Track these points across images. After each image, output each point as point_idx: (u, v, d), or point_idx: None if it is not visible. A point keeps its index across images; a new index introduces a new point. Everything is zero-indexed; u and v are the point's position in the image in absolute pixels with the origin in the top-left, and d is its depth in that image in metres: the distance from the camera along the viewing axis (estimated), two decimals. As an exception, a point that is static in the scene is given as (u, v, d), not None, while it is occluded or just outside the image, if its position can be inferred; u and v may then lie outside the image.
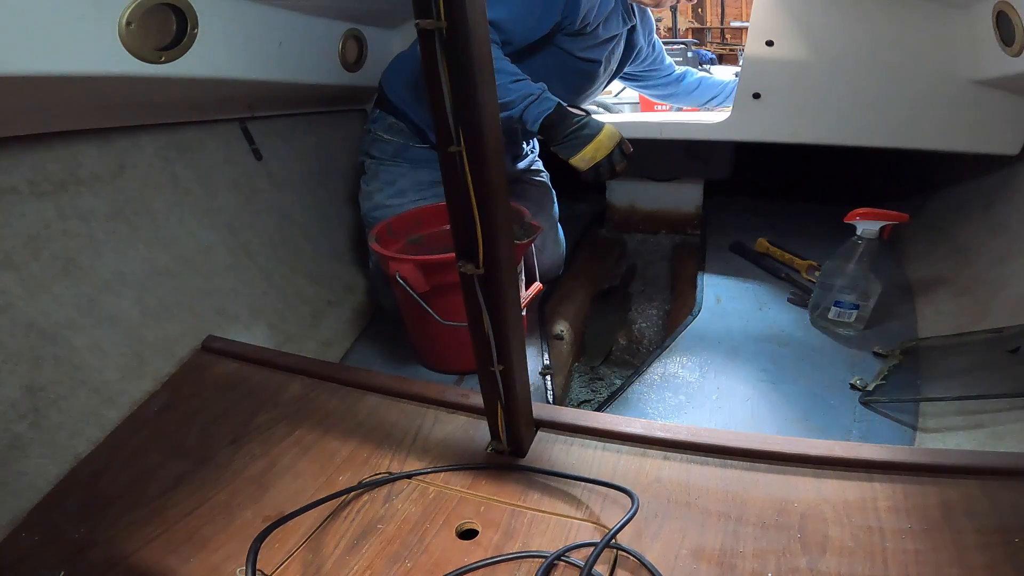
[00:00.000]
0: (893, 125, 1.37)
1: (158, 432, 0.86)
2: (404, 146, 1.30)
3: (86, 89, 0.88)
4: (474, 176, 0.54)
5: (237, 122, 1.29)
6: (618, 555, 0.60)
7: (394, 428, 0.82)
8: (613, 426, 0.77)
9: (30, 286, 0.86)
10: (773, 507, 0.65)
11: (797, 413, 1.04)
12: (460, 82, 0.50)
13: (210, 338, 1.04)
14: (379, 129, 1.31)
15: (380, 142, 1.32)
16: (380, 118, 1.31)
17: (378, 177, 1.33)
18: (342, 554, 0.63)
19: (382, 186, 1.32)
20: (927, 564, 0.57)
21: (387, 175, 1.32)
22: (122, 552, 0.66)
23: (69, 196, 0.94)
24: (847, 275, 1.22)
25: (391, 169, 1.32)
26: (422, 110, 1.26)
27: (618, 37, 1.31)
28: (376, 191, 1.33)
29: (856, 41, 1.31)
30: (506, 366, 0.66)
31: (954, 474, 0.66)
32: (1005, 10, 1.07)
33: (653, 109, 2.04)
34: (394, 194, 1.31)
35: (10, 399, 0.79)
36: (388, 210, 1.30)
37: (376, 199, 1.32)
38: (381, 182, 1.32)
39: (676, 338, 1.28)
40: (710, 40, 7.69)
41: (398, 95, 1.28)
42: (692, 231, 1.97)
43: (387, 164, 1.32)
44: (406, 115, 1.28)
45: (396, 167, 1.32)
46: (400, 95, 1.28)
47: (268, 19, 1.15)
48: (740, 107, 1.44)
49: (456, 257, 0.60)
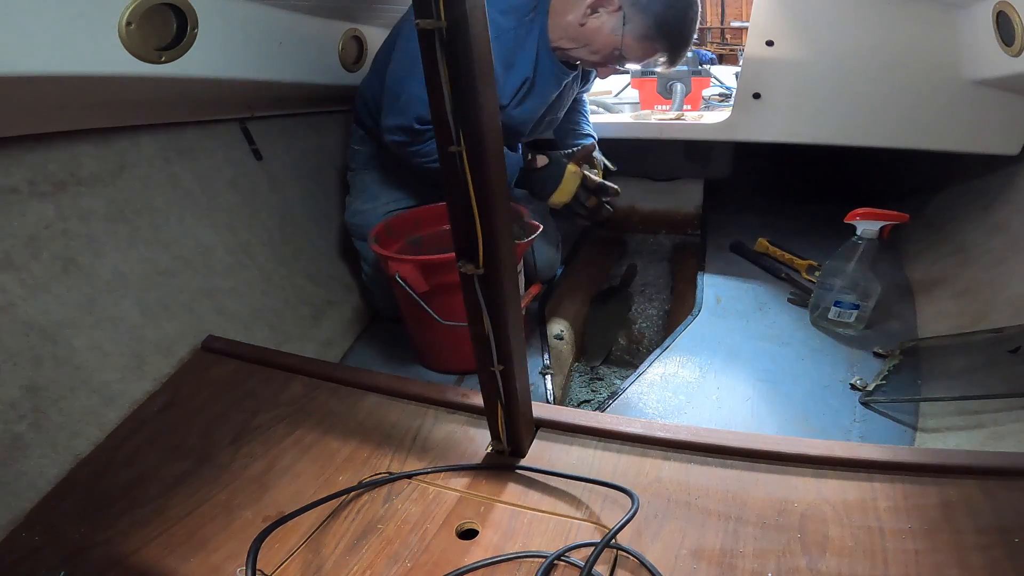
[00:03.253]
0: (893, 125, 1.37)
1: (158, 432, 0.86)
2: (372, 154, 1.35)
3: (86, 89, 0.88)
4: (474, 176, 0.54)
5: (237, 122, 1.29)
6: (618, 555, 0.60)
7: (394, 428, 0.82)
8: (613, 426, 0.77)
9: (30, 286, 0.86)
10: (773, 507, 0.65)
11: (797, 413, 1.04)
12: (460, 82, 0.50)
13: (210, 338, 1.04)
14: (354, 142, 1.37)
15: (354, 153, 1.38)
16: (354, 131, 1.37)
17: (355, 185, 1.38)
18: (342, 554, 0.63)
19: (358, 193, 1.37)
20: (927, 564, 0.57)
21: (361, 183, 1.37)
22: (122, 552, 0.66)
23: (69, 196, 0.94)
24: (847, 275, 1.21)
25: (364, 176, 1.37)
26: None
27: (551, 97, 1.28)
28: (353, 199, 1.38)
29: (856, 41, 1.31)
30: (506, 366, 0.66)
31: (954, 474, 0.66)
32: (1005, 10, 1.07)
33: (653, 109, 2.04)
34: (367, 199, 1.36)
35: (10, 399, 0.79)
36: (363, 215, 1.34)
37: (353, 207, 1.37)
38: (357, 190, 1.37)
39: (676, 338, 1.28)
40: (710, 40, 7.68)
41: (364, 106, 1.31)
42: (692, 231, 1.97)
43: (360, 173, 1.37)
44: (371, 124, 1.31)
45: (368, 174, 1.37)
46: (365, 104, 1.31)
47: (268, 19, 1.15)
48: (740, 107, 1.44)
49: (456, 257, 0.60)
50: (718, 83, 2.21)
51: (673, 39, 1.09)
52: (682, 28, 1.08)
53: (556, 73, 1.21)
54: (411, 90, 1.08)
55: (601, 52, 1.12)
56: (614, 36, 1.08)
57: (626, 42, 1.08)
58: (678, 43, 1.10)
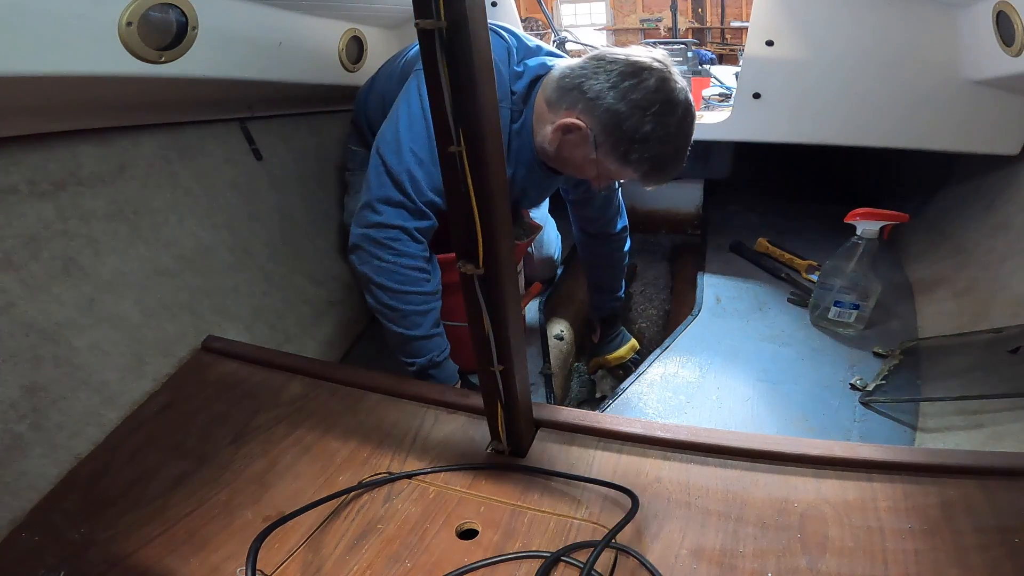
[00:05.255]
0: (893, 125, 1.37)
1: (158, 432, 0.86)
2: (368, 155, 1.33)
3: (86, 89, 0.88)
4: (474, 176, 0.54)
5: (237, 122, 1.29)
6: (618, 555, 0.60)
7: (394, 428, 0.82)
8: (613, 426, 0.77)
9: (30, 286, 0.86)
10: (773, 507, 0.65)
11: (797, 413, 1.04)
12: (460, 82, 0.50)
13: (210, 338, 1.04)
14: (351, 143, 1.35)
15: (352, 153, 1.35)
16: (352, 132, 1.35)
17: (353, 185, 1.36)
18: (342, 554, 0.63)
19: (354, 194, 1.35)
20: (927, 564, 0.57)
21: (357, 183, 1.35)
22: (122, 552, 0.66)
23: (69, 196, 0.94)
24: (847, 275, 1.22)
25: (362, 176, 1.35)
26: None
27: (536, 182, 1.10)
28: (351, 200, 1.36)
29: (856, 41, 1.31)
30: (506, 366, 0.66)
31: (954, 474, 0.66)
32: (1005, 10, 1.07)
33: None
34: None
35: (10, 399, 0.79)
36: None
37: (350, 208, 1.35)
38: (354, 190, 1.35)
39: (676, 338, 1.28)
40: (710, 40, 7.69)
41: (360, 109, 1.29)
42: (692, 231, 1.97)
43: (358, 173, 1.35)
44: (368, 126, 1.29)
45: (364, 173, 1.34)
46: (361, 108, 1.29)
47: (268, 19, 1.15)
48: (740, 107, 1.44)
49: (456, 257, 0.60)
50: (718, 83, 2.20)
51: (654, 159, 0.89)
52: (662, 144, 0.88)
53: (537, 174, 1.05)
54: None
55: (583, 171, 0.97)
56: (590, 158, 0.92)
57: (602, 166, 0.92)
58: (659, 161, 0.90)
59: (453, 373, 1.02)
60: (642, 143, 0.87)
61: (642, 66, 0.86)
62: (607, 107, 0.86)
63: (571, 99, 0.90)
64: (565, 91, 0.90)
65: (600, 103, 0.87)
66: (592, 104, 0.87)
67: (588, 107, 0.88)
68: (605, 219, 1.30)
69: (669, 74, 0.87)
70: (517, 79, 0.97)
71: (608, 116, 0.87)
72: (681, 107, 0.87)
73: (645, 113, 0.85)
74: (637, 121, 0.85)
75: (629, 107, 0.85)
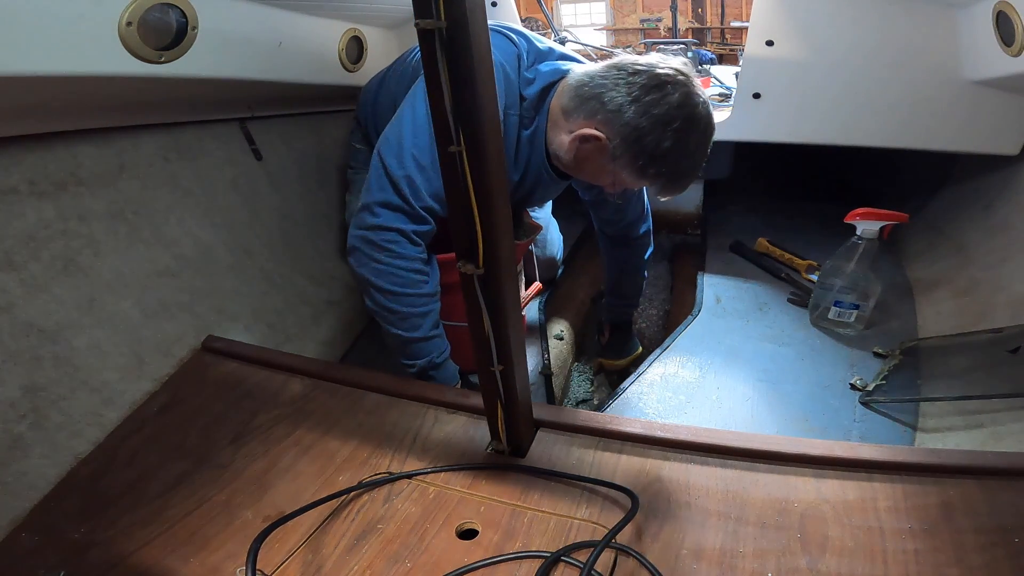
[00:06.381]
0: (893, 125, 1.37)
1: (158, 432, 0.86)
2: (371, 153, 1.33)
3: (86, 89, 0.88)
4: (474, 176, 0.54)
5: (237, 122, 1.29)
6: (618, 555, 0.60)
7: (394, 428, 0.82)
8: (613, 426, 0.77)
9: (30, 286, 0.86)
10: (773, 507, 0.65)
11: (797, 413, 1.04)
12: (460, 82, 0.50)
13: (210, 338, 1.04)
14: (354, 140, 1.34)
15: (355, 152, 1.34)
16: (355, 129, 1.34)
17: (355, 184, 1.35)
18: (342, 554, 0.63)
19: (357, 192, 1.33)
20: (927, 564, 0.57)
21: (359, 182, 1.33)
22: (122, 552, 0.66)
23: (69, 196, 0.94)
24: (847, 275, 1.21)
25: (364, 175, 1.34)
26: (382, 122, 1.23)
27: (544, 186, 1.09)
28: (353, 198, 1.34)
29: (856, 41, 1.31)
30: (506, 366, 0.66)
31: (954, 474, 0.66)
32: (1005, 10, 1.07)
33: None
34: None
35: (10, 399, 0.79)
36: None
37: (352, 206, 1.34)
38: (356, 189, 1.34)
39: (676, 338, 1.28)
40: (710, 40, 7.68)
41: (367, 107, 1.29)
42: (692, 231, 1.97)
43: (360, 171, 1.34)
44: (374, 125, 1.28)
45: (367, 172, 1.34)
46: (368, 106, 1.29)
47: (268, 19, 1.15)
48: (740, 107, 1.44)
49: (456, 257, 0.60)
50: (718, 83, 2.20)
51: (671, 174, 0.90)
52: (680, 160, 0.88)
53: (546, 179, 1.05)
54: None
55: (598, 178, 0.97)
56: (607, 168, 0.92)
57: (618, 176, 0.92)
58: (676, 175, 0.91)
59: (453, 374, 1.01)
60: (661, 158, 0.85)
61: (666, 79, 0.84)
62: (628, 120, 0.85)
63: (589, 109, 0.88)
64: (583, 100, 0.89)
65: (621, 116, 0.85)
66: (612, 116, 0.86)
67: (608, 118, 0.86)
68: (625, 222, 1.28)
69: (692, 87, 0.85)
70: (528, 84, 0.95)
71: (628, 130, 0.85)
72: (702, 122, 0.86)
73: (666, 129, 0.83)
74: (658, 137, 0.84)
75: (651, 122, 0.84)
